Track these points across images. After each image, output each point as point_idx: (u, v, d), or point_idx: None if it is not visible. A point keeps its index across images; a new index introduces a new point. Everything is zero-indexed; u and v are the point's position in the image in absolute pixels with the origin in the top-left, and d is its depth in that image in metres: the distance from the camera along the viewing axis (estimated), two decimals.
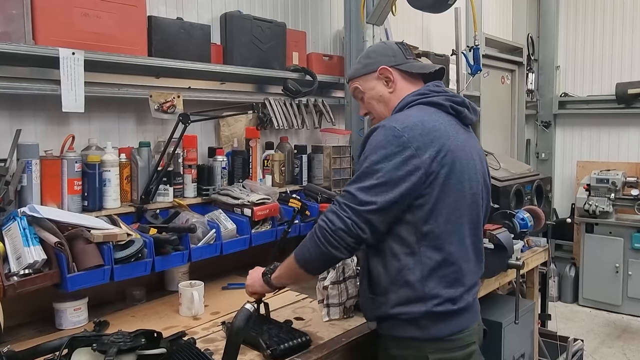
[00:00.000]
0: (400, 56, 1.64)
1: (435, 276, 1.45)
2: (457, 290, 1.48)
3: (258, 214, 2.23)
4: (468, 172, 1.51)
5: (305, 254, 1.45)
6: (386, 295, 1.49)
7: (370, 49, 1.75)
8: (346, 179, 2.99)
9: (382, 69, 1.61)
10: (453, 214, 1.47)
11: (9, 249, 1.62)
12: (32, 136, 1.96)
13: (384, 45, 1.70)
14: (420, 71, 1.64)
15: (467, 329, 1.52)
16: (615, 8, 5.36)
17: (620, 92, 5.14)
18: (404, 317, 1.46)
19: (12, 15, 1.80)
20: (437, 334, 1.46)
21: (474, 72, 3.79)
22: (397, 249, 1.45)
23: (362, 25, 3.02)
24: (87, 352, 1.23)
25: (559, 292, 5.26)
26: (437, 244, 1.44)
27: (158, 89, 2.24)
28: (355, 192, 1.40)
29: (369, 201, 1.38)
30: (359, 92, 1.68)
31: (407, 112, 1.52)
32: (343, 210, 1.39)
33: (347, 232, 1.37)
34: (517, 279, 2.42)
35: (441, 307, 1.45)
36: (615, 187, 4.78)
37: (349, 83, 1.74)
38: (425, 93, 1.56)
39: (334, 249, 1.38)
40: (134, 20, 2.12)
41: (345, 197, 1.42)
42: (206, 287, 1.98)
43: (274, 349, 1.53)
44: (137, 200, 2.10)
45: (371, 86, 1.64)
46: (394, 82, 1.61)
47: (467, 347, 1.51)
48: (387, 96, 1.62)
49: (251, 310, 1.44)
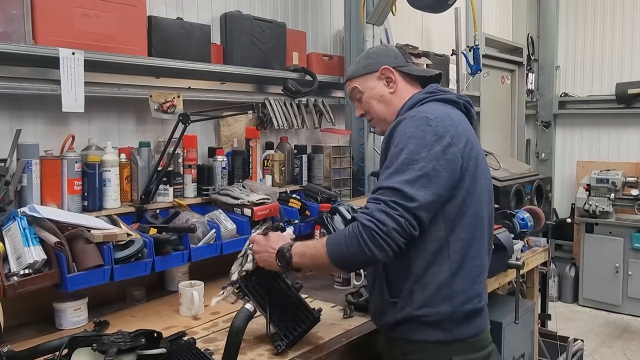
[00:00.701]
0: (401, 59, 1.65)
1: (463, 272, 1.43)
2: (480, 285, 1.49)
3: (258, 214, 2.23)
4: (486, 167, 1.53)
5: (343, 253, 1.36)
6: (410, 297, 1.43)
7: (370, 50, 1.73)
8: (346, 179, 2.99)
9: (384, 68, 1.60)
10: (477, 208, 1.46)
11: (9, 249, 1.62)
12: (32, 136, 1.96)
13: (385, 47, 1.70)
14: (420, 74, 1.64)
15: (486, 329, 1.52)
16: (615, 8, 5.36)
17: (620, 92, 5.14)
18: (429, 318, 1.42)
19: (12, 15, 1.80)
20: (461, 335, 1.44)
21: (474, 72, 3.79)
22: (424, 246, 1.41)
23: (362, 25, 3.02)
24: (87, 352, 1.23)
25: (559, 292, 5.25)
26: (464, 237, 1.43)
27: (158, 89, 2.24)
28: (402, 187, 1.32)
29: (417, 195, 1.31)
30: (358, 92, 1.66)
31: (428, 106, 1.50)
32: (393, 208, 1.30)
33: (401, 232, 1.30)
34: (517, 279, 2.42)
35: (469, 305, 1.44)
36: (615, 187, 4.78)
37: (346, 83, 1.71)
38: (435, 92, 1.56)
39: (382, 252, 1.30)
40: (134, 20, 2.12)
41: (390, 193, 1.32)
42: (206, 287, 1.97)
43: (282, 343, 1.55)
44: (137, 200, 2.10)
45: (371, 86, 1.63)
46: (395, 83, 1.60)
47: (486, 348, 1.51)
48: (388, 96, 1.61)
49: (251, 310, 1.44)
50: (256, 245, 1.58)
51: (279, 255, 1.50)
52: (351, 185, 3.04)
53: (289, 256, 1.48)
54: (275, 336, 1.57)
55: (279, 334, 1.57)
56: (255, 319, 1.52)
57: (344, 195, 2.95)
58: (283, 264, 1.50)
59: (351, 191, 3.05)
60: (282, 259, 1.49)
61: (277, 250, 1.51)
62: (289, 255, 1.48)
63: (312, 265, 1.51)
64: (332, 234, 1.47)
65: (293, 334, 1.57)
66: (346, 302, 1.90)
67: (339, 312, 1.90)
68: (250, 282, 1.61)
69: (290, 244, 1.52)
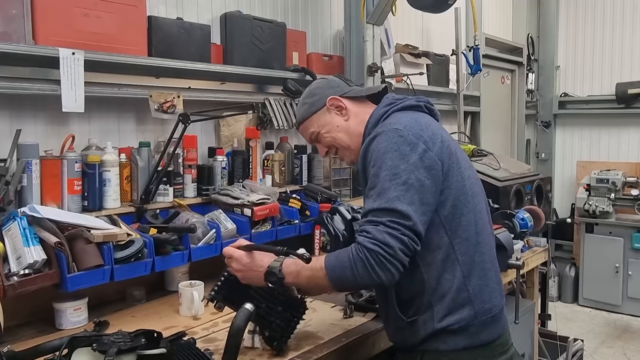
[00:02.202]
0: (344, 85, 1.62)
1: (475, 271, 1.42)
2: (495, 279, 1.49)
3: (258, 214, 2.23)
4: (466, 158, 1.53)
5: (347, 277, 1.32)
6: (430, 311, 1.41)
7: (311, 87, 1.65)
8: (346, 179, 2.99)
9: (330, 99, 1.57)
10: (473, 202, 1.45)
11: (9, 249, 1.62)
12: (32, 136, 1.96)
13: (325, 80, 1.66)
14: (366, 94, 1.62)
15: (507, 331, 1.52)
16: (615, 8, 5.36)
17: (620, 92, 5.14)
18: (454, 326, 1.39)
19: (12, 15, 1.80)
20: (487, 339, 1.43)
21: (474, 72, 3.79)
22: (431, 255, 1.39)
23: (362, 25, 3.02)
24: (87, 352, 1.23)
25: (559, 292, 5.26)
26: (468, 236, 1.42)
27: (158, 89, 2.24)
28: (394, 206, 1.29)
29: (410, 210, 1.30)
30: (315, 134, 1.61)
31: (392, 118, 1.47)
32: (394, 228, 1.28)
33: (406, 250, 1.29)
34: (517, 279, 2.42)
35: (488, 304, 1.43)
36: (615, 187, 4.78)
37: (299, 129, 1.67)
38: (393, 102, 1.53)
39: (388, 275, 1.28)
40: (134, 20, 2.12)
41: (385, 214, 1.30)
42: (206, 287, 1.97)
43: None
44: (137, 200, 2.10)
45: (325, 121, 1.59)
46: (347, 109, 1.57)
47: (509, 350, 1.51)
48: (345, 125, 1.57)
49: (251, 310, 1.44)
50: (236, 263, 1.48)
51: (269, 275, 1.43)
52: (351, 185, 3.04)
53: (281, 277, 1.41)
54: (269, 339, 1.55)
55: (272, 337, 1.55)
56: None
57: (344, 195, 2.95)
58: (274, 283, 1.43)
59: (351, 191, 3.05)
60: (273, 279, 1.42)
61: (265, 270, 1.43)
62: (281, 275, 1.41)
63: (306, 286, 1.44)
64: (329, 256, 1.38)
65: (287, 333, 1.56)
66: (346, 302, 1.90)
67: (339, 312, 1.90)
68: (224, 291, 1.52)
69: (279, 261, 1.43)
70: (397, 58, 3.56)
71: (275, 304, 1.55)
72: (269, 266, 1.43)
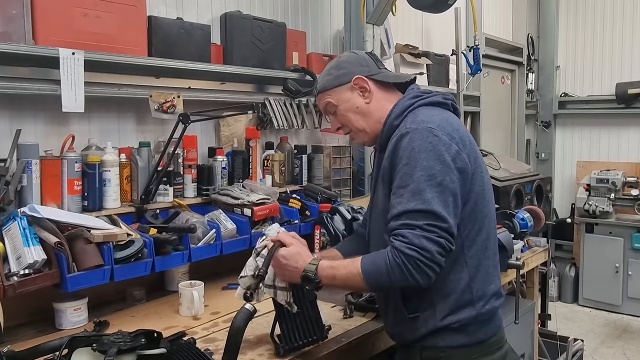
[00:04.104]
0: (373, 66, 1.56)
1: (480, 274, 1.43)
2: (497, 282, 1.49)
3: (258, 214, 2.23)
4: (484, 163, 1.53)
5: (383, 281, 1.34)
6: (433, 309, 1.42)
7: (340, 59, 1.60)
8: (346, 179, 2.99)
9: (357, 78, 1.52)
10: (487, 207, 1.46)
11: (9, 249, 1.62)
12: (32, 136, 1.96)
13: (356, 55, 1.60)
14: (395, 80, 1.58)
15: (502, 328, 1.53)
16: (615, 8, 5.36)
17: (620, 92, 5.14)
18: (455, 325, 1.41)
19: (12, 15, 1.80)
20: (483, 337, 1.45)
21: (474, 72, 3.80)
22: None
23: (362, 25, 3.02)
24: (87, 352, 1.23)
25: (559, 292, 5.26)
26: (479, 240, 1.43)
27: (158, 89, 2.24)
28: (431, 208, 1.29)
29: (447, 212, 1.30)
30: (332, 106, 1.56)
31: (422, 113, 1.44)
32: (431, 232, 1.29)
33: (443, 252, 1.30)
34: (517, 279, 2.42)
35: (489, 306, 1.44)
36: (615, 187, 4.78)
37: (317, 96, 1.61)
38: (420, 95, 1.50)
39: (425, 278, 1.29)
40: (134, 21, 2.12)
41: (421, 216, 1.30)
42: (206, 287, 1.97)
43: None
44: (137, 200, 2.10)
45: (345, 98, 1.54)
46: (371, 92, 1.53)
47: (503, 347, 1.52)
48: (365, 107, 1.53)
49: (251, 310, 1.44)
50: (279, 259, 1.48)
51: (305, 279, 1.42)
52: (351, 185, 3.04)
53: (317, 281, 1.41)
54: (279, 337, 1.57)
55: (284, 337, 1.56)
56: (255, 319, 1.52)
57: (344, 195, 2.95)
58: (311, 287, 1.43)
59: (351, 191, 3.05)
60: (309, 282, 1.42)
61: (302, 272, 1.43)
62: (317, 280, 1.41)
63: (341, 287, 1.52)
64: (365, 259, 1.38)
65: (298, 342, 1.56)
66: (346, 302, 1.90)
67: (339, 312, 1.90)
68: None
69: (314, 264, 1.42)
70: (397, 58, 3.56)
71: (298, 314, 1.56)
72: (305, 270, 1.43)
